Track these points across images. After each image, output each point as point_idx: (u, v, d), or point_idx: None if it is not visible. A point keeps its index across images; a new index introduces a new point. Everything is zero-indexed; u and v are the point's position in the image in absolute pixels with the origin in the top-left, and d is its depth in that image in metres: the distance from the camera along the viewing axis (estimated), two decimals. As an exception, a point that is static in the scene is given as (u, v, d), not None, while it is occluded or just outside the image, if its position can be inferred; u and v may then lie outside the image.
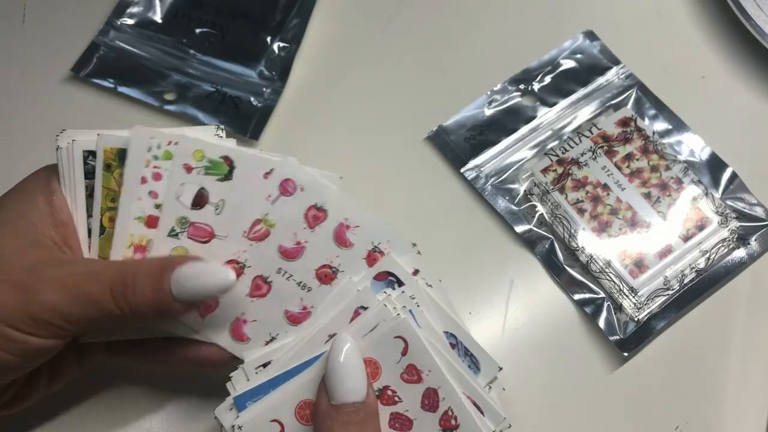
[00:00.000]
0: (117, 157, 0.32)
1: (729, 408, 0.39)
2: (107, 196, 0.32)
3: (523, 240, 0.42)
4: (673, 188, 0.43)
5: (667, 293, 0.40)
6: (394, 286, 0.33)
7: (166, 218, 0.32)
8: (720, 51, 0.49)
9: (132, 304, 0.29)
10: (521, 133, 0.45)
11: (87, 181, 0.32)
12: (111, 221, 0.32)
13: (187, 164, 0.33)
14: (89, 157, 0.32)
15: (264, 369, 0.31)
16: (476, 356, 0.33)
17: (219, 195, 0.33)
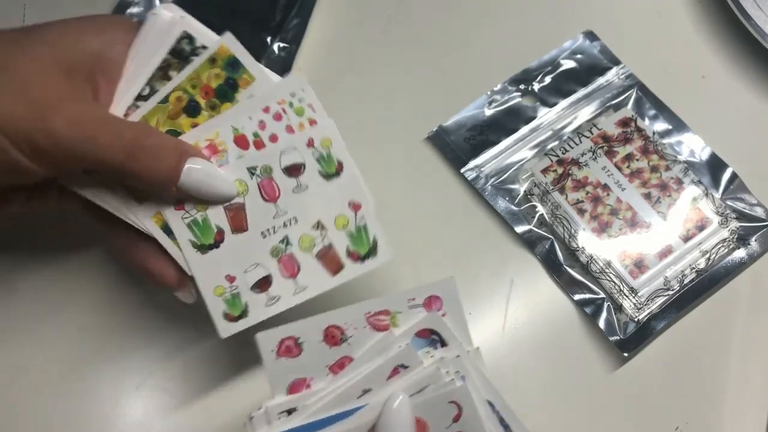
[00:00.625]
0: (226, 61, 0.33)
1: (729, 408, 0.39)
2: (191, 80, 0.33)
3: (523, 240, 0.42)
4: (673, 188, 0.43)
5: (667, 293, 0.40)
6: (437, 345, 0.31)
7: (255, 156, 0.33)
8: (720, 51, 0.49)
9: (139, 167, 0.30)
10: (521, 134, 0.45)
11: (168, 56, 0.33)
12: (178, 101, 0.33)
13: (311, 139, 0.33)
14: (185, 40, 0.33)
15: (288, 416, 0.30)
16: (511, 427, 0.31)
17: (307, 182, 0.33)
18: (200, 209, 0.32)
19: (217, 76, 0.33)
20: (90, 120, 0.30)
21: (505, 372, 0.40)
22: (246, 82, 0.33)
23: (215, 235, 0.32)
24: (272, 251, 0.33)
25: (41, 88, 0.29)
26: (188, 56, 0.33)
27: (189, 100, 0.33)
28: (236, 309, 0.33)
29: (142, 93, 0.32)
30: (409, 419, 0.29)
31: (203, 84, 0.33)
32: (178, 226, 0.32)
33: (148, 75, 0.33)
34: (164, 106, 0.32)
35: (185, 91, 0.33)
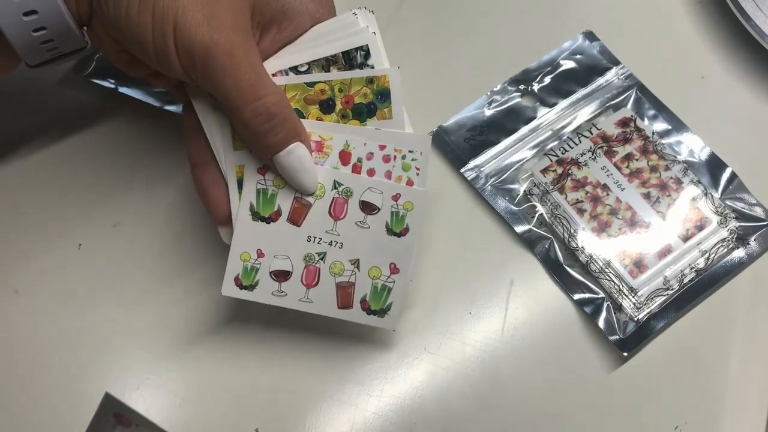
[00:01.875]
0: (380, 89, 0.34)
1: (729, 408, 0.39)
2: (342, 83, 0.34)
3: (523, 240, 0.42)
4: (672, 188, 0.43)
5: (666, 293, 0.40)
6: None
7: (347, 177, 0.34)
8: (720, 51, 0.49)
9: (256, 128, 0.32)
10: (521, 134, 0.45)
11: (339, 54, 0.34)
12: (321, 92, 0.34)
13: (398, 194, 0.35)
14: (362, 50, 0.34)
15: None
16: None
17: (371, 224, 0.35)
18: (276, 184, 0.34)
19: (365, 96, 0.34)
20: (245, 60, 0.31)
21: (505, 372, 0.40)
22: (383, 115, 0.34)
23: (272, 214, 0.34)
24: (306, 256, 0.34)
25: (226, 10, 0.31)
26: (355, 65, 0.34)
27: (329, 98, 0.34)
28: (248, 279, 0.34)
29: (300, 68, 0.34)
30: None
31: (349, 93, 0.34)
32: (250, 186, 0.34)
33: (314, 57, 0.34)
34: (307, 89, 0.34)
35: (332, 88, 0.34)
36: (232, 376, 0.39)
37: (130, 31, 0.31)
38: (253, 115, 0.31)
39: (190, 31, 0.30)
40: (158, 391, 0.39)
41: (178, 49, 0.30)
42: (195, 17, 0.30)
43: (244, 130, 0.32)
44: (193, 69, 0.31)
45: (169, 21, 0.30)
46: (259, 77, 0.31)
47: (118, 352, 0.39)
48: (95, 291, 0.41)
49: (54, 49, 0.33)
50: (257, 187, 0.34)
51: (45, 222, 0.42)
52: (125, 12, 0.30)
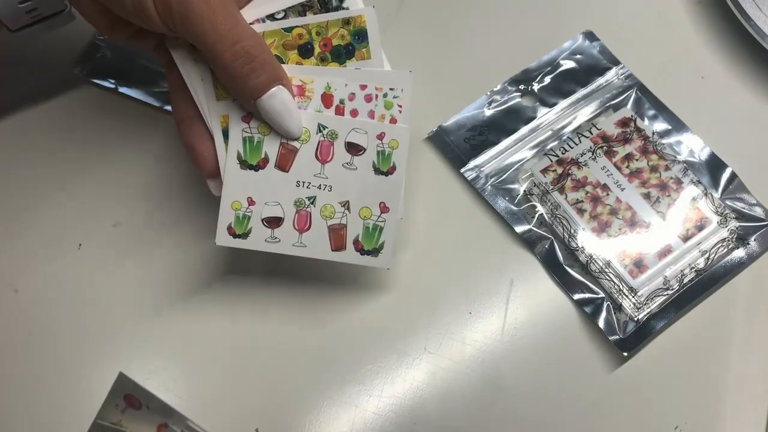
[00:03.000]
0: (357, 29, 0.35)
1: (729, 408, 0.39)
2: (319, 26, 0.35)
3: (523, 240, 0.42)
4: (672, 188, 0.43)
5: (666, 293, 0.40)
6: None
7: (331, 118, 0.35)
8: (720, 51, 0.49)
9: (232, 68, 0.32)
10: (521, 134, 0.45)
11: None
12: (298, 37, 0.34)
13: (383, 133, 0.35)
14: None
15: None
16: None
17: (358, 165, 0.35)
18: (261, 131, 0.34)
19: (342, 37, 0.35)
20: (222, 7, 0.31)
21: (505, 372, 0.40)
22: (361, 55, 0.35)
23: (260, 161, 0.34)
24: (297, 202, 0.35)
25: None
26: (330, 8, 0.35)
27: (307, 42, 0.35)
28: (240, 228, 0.35)
29: (276, 15, 0.34)
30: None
31: (326, 36, 0.35)
32: (235, 135, 0.34)
33: (290, 4, 0.35)
34: (285, 35, 0.34)
35: (309, 32, 0.35)
36: (232, 375, 0.39)
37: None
38: (233, 58, 0.32)
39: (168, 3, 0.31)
40: (158, 391, 0.39)
41: (156, 4, 0.31)
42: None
43: (225, 76, 0.33)
44: (171, 17, 0.31)
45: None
46: (237, 22, 0.32)
47: (117, 352, 0.39)
48: (95, 291, 0.41)
49: (33, 11, 0.34)
50: (243, 135, 0.34)
51: (45, 222, 0.42)
52: None
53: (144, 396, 0.31)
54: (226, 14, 0.32)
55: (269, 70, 0.33)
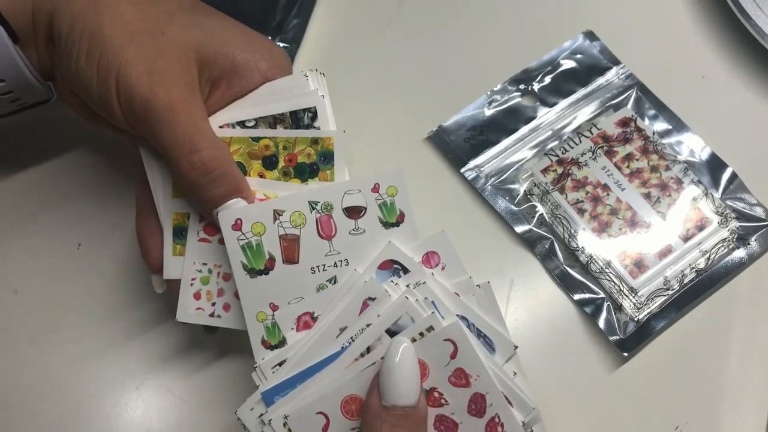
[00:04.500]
0: (324, 151, 0.35)
1: (729, 408, 0.39)
2: (287, 141, 0.34)
3: (523, 240, 0.42)
4: (672, 188, 0.43)
5: (667, 293, 0.40)
6: (400, 273, 0.33)
7: (318, 192, 0.33)
8: (720, 51, 0.49)
9: (197, 179, 0.31)
10: (521, 134, 0.45)
11: (288, 113, 0.35)
12: (265, 148, 0.34)
13: (377, 185, 0.34)
14: (309, 112, 0.35)
15: (280, 367, 0.32)
16: (490, 337, 0.32)
17: (365, 226, 0.34)
18: (256, 232, 0.33)
19: (309, 156, 0.34)
20: (185, 115, 0.31)
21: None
22: (324, 177, 0.34)
23: (266, 262, 0.33)
24: (318, 287, 0.33)
25: (170, 66, 0.32)
26: (300, 125, 0.35)
27: (273, 155, 0.34)
28: (274, 338, 0.33)
29: (247, 122, 0.34)
30: (414, 361, 0.29)
31: (293, 152, 0.34)
32: (233, 246, 0.32)
33: (262, 114, 0.34)
34: (252, 144, 0.34)
35: (276, 145, 0.34)
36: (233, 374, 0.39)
37: (79, 81, 0.32)
38: (189, 167, 0.31)
39: (130, 83, 0.31)
40: (158, 391, 0.39)
41: (120, 99, 0.31)
42: (137, 70, 0.31)
43: (181, 183, 0.32)
44: (134, 119, 0.32)
45: (112, 73, 0.31)
46: (198, 130, 0.32)
47: (117, 352, 0.39)
48: (95, 291, 0.41)
49: (17, 101, 0.34)
50: (240, 243, 0.33)
51: (45, 222, 0.42)
52: (75, 64, 0.31)
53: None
54: (186, 122, 0.31)
55: (227, 182, 0.32)
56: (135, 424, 0.38)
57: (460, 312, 0.32)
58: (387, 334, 0.31)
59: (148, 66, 0.31)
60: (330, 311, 0.32)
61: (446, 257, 0.34)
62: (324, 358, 0.31)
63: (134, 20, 0.32)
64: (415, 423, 0.29)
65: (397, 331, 0.31)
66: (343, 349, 0.31)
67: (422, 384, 0.30)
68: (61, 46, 0.32)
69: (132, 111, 0.31)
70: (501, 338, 0.32)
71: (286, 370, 0.31)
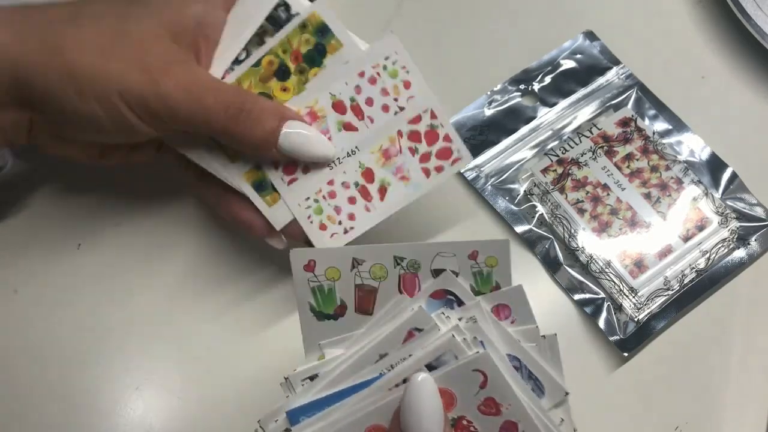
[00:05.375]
0: (316, 27, 0.34)
1: (729, 408, 0.39)
2: (282, 45, 0.34)
3: (523, 240, 0.42)
4: (673, 188, 0.43)
5: (667, 293, 0.40)
6: (453, 305, 0.31)
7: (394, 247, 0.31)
8: (720, 51, 0.49)
9: (240, 129, 0.31)
10: (521, 133, 0.45)
11: (265, 22, 0.34)
12: (269, 65, 0.34)
13: (475, 252, 0.31)
14: (282, 7, 0.34)
15: (311, 382, 0.30)
16: (540, 379, 0.31)
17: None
18: (330, 276, 0.31)
19: (307, 41, 0.34)
20: (197, 83, 0.32)
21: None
22: (334, 47, 0.34)
23: (336, 308, 0.31)
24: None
25: (155, 53, 0.31)
26: (283, 23, 0.34)
27: (280, 65, 0.34)
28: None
29: (239, 57, 0.34)
30: (435, 398, 0.29)
31: (294, 49, 0.34)
32: (302, 287, 0.31)
33: (245, 40, 0.34)
34: (257, 70, 0.34)
35: (276, 55, 0.34)
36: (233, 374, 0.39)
37: (84, 122, 0.32)
38: (231, 120, 0.31)
39: (139, 92, 0.31)
40: (158, 391, 0.39)
41: (135, 112, 0.31)
42: (134, 78, 0.31)
43: (234, 142, 0.33)
44: (160, 120, 0.31)
45: (114, 94, 0.31)
46: (215, 87, 0.32)
47: (117, 352, 0.39)
48: (95, 291, 0.41)
49: None
50: (310, 285, 0.31)
51: (45, 222, 0.42)
52: (71, 111, 0.31)
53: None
54: (205, 89, 0.31)
55: (268, 113, 0.32)
56: (135, 424, 0.38)
57: (510, 351, 0.31)
58: (427, 368, 0.30)
59: (142, 67, 0.31)
60: (371, 334, 0.31)
61: (518, 311, 0.32)
62: (357, 383, 0.30)
63: (95, 37, 0.31)
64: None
65: (436, 366, 0.30)
66: (380, 376, 0.30)
67: (449, 413, 0.29)
68: (46, 104, 0.31)
69: (154, 114, 0.31)
70: (553, 383, 0.31)
71: (316, 389, 0.30)
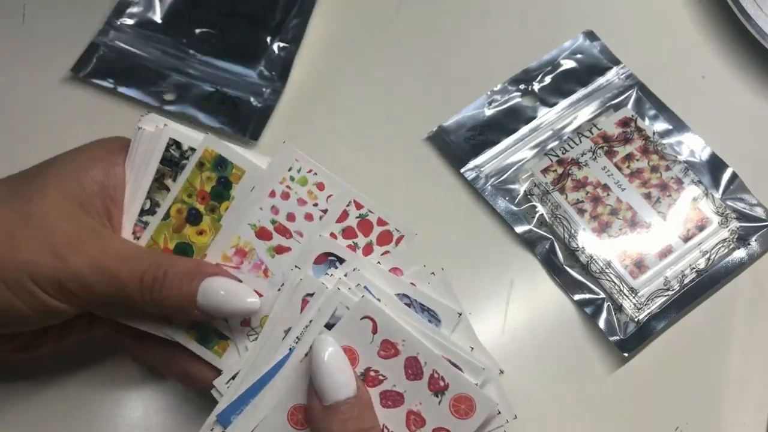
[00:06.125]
0: (213, 162, 0.33)
1: (729, 408, 0.39)
2: (186, 189, 0.33)
3: (523, 240, 0.42)
4: (673, 188, 0.43)
5: (667, 294, 0.40)
6: (336, 264, 0.33)
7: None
8: (720, 51, 0.49)
9: (156, 297, 0.30)
10: (521, 134, 0.45)
11: (161, 166, 0.33)
12: (179, 213, 0.33)
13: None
14: (173, 146, 0.33)
15: (234, 380, 0.31)
16: (434, 309, 0.33)
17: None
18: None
19: (209, 178, 0.33)
20: (108, 256, 0.30)
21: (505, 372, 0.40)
22: (237, 176, 0.33)
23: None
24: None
25: (62, 231, 0.30)
26: (179, 161, 0.33)
27: (189, 210, 0.33)
28: None
29: (144, 207, 0.33)
30: (338, 355, 0.30)
31: (198, 190, 0.33)
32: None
33: (146, 189, 0.33)
34: (167, 222, 0.33)
35: (183, 201, 0.33)
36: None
37: (1, 315, 0.30)
38: (146, 290, 0.30)
39: (50, 274, 0.29)
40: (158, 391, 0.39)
41: (52, 295, 0.30)
42: (43, 261, 0.29)
43: (154, 309, 0.31)
44: (79, 298, 0.30)
45: (27, 280, 0.29)
46: (127, 257, 0.30)
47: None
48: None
49: None
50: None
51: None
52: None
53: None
54: (117, 262, 0.30)
55: (182, 275, 0.30)
56: (135, 424, 0.38)
57: (398, 291, 0.33)
58: (327, 329, 0.31)
59: (47, 249, 0.29)
60: (272, 315, 0.32)
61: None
62: (274, 364, 0.31)
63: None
64: (361, 411, 0.29)
65: (334, 323, 0.31)
66: (291, 351, 0.31)
67: (355, 368, 0.31)
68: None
69: (66, 292, 0.30)
70: (446, 309, 0.32)
71: (237, 384, 0.31)
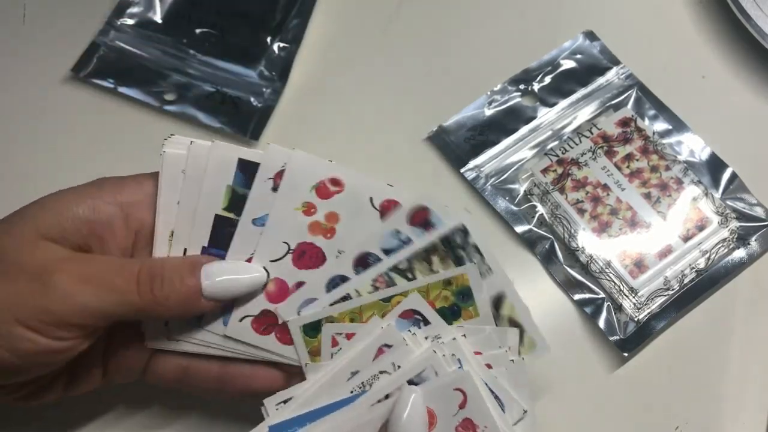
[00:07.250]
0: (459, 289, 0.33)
1: (729, 408, 0.39)
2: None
3: (523, 240, 0.42)
4: (673, 188, 0.43)
5: (667, 293, 0.40)
6: (420, 324, 0.32)
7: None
8: (720, 51, 0.49)
9: (158, 295, 0.28)
10: (521, 134, 0.45)
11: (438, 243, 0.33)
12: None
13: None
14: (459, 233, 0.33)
15: (285, 405, 0.31)
16: (501, 398, 0.32)
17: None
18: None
19: (446, 298, 0.33)
20: (95, 269, 0.28)
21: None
22: (469, 314, 0.33)
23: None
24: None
25: (38, 258, 0.28)
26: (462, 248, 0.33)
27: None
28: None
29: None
30: (423, 411, 0.29)
31: (430, 299, 0.32)
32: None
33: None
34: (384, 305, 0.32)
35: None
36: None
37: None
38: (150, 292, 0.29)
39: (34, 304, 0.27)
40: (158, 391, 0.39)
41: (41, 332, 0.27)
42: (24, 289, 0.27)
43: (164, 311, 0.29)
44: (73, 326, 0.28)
45: (10, 320, 0.27)
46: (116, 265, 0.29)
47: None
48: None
49: None
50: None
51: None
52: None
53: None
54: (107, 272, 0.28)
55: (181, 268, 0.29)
56: (135, 424, 0.38)
57: (485, 378, 0.32)
58: (407, 384, 0.31)
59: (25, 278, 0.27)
60: (343, 354, 0.31)
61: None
62: (333, 402, 0.31)
63: None
64: None
65: (417, 383, 0.31)
66: (354, 394, 0.31)
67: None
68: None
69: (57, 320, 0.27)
70: (513, 401, 0.32)
71: (290, 409, 0.31)
